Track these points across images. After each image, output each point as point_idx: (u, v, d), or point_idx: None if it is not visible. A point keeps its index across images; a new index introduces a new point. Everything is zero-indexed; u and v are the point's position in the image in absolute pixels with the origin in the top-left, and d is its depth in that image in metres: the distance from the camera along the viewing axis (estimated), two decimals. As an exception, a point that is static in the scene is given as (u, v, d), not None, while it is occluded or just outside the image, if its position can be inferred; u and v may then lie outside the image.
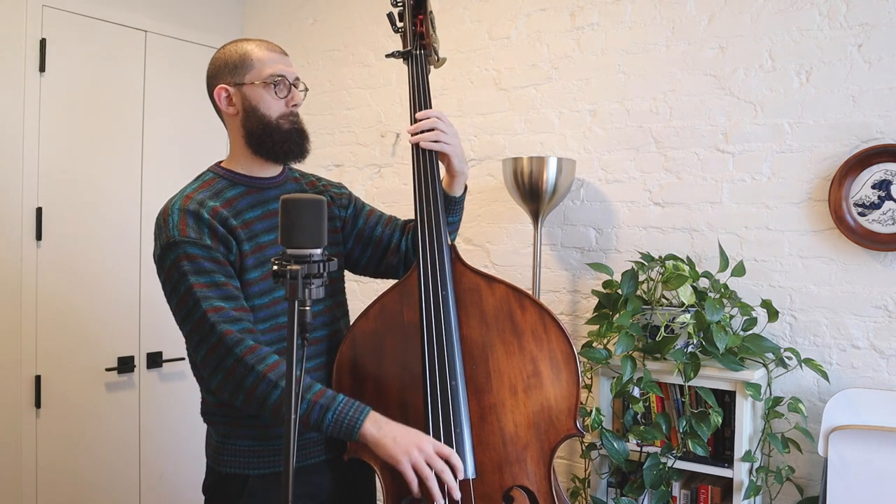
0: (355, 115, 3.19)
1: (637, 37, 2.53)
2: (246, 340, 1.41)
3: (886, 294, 2.16)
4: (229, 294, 1.45)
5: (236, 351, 1.40)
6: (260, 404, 1.41)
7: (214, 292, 1.43)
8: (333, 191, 1.75)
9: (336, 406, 1.40)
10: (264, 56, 1.54)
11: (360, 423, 1.39)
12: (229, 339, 1.40)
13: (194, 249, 1.44)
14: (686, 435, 2.13)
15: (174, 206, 1.48)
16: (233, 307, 1.44)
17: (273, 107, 1.54)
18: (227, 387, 1.42)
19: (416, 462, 1.38)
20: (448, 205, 1.70)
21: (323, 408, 1.39)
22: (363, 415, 1.40)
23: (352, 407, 1.40)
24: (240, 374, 1.40)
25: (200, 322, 1.42)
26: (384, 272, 1.79)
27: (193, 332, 1.44)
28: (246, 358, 1.40)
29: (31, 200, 2.63)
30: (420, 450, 1.39)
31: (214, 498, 1.59)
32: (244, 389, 1.41)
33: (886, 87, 2.15)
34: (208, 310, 1.41)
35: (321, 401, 1.40)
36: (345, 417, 1.39)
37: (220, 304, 1.42)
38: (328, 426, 1.39)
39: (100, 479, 2.81)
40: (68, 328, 2.73)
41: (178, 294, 1.45)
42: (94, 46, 2.80)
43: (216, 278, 1.44)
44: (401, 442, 1.39)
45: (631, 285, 2.25)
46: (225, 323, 1.41)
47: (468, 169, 1.73)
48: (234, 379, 1.41)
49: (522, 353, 1.50)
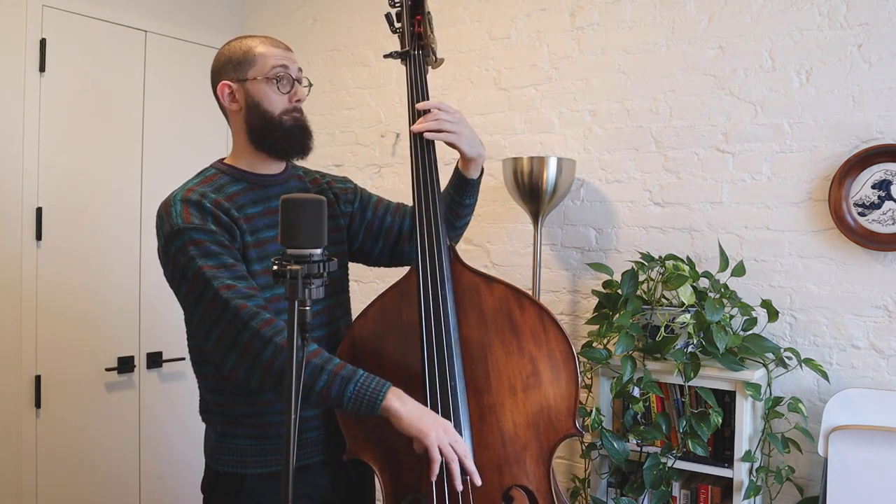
0: (355, 115, 3.19)
1: (637, 37, 2.53)
2: (262, 313, 1.39)
3: (886, 294, 2.16)
4: (239, 274, 1.43)
5: (252, 324, 1.37)
6: (277, 379, 1.38)
7: (224, 272, 1.41)
8: (338, 186, 1.74)
9: (357, 378, 1.38)
10: (268, 52, 1.53)
11: (382, 395, 1.37)
12: (244, 313, 1.37)
13: (200, 235, 1.43)
14: (686, 435, 2.13)
15: (176, 198, 1.48)
16: (244, 285, 1.42)
17: (276, 102, 1.53)
18: (242, 364, 1.39)
19: (441, 442, 1.37)
20: (465, 186, 1.70)
21: (344, 379, 1.37)
22: (385, 388, 1.38)
23: (373, 380, 1.39)
24: (256, 347, 1.37)
25: (213, 301, 1.39)
26: (398, 260, 1.78)
27: (206, 314, 1.40)
28: (263, 330, 1.37)
29: (31, 200, 2.63)
30: (445, 432, 1.39)
31: (212, 496, 1.59)
32: (261, 364, 1.37)
33: (886, 87, 2.15)
34: (220, 287, 1.39)
35: (342, 373, 1.37)
36: (367, 389, 1.37)
37: (232, 282, 1.40)
38: (349, 399, 1.37)
39: (100, 478, 2.81)
40: (68, 328, 2.73)
41: (187, 279, 1.42)
42: (94, 46, 2.81)
43: (224, 260, 1.42)
44: (427, 420, 1.38)
45: (631, 285, 2.25)
46: (238, 298, 1.38)
47: (485, 150, 1.69)
48: (251, 354, 1.37)
49: (521, 353, 1.50)
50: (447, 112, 1.60)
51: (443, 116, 1.59)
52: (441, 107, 1.61)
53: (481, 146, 1.67)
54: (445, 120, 1.59)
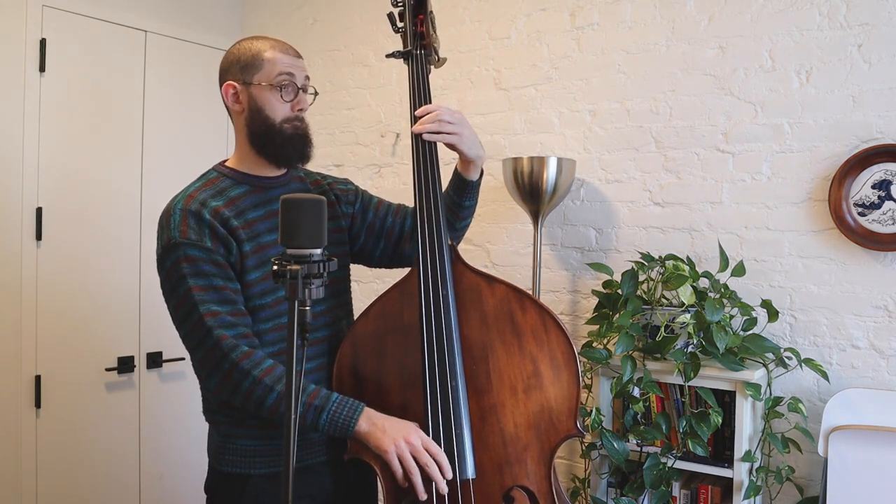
0: (355, 115, 3.19)
1: (637, 37, 2.53)
2: (240, 346, 1.43)
3: (886, 294, 2.16)
4: (227, 298, 1.46)
5: (232, 356, 1.42)
6: (257, 407, 1.44)
7: (212, 296, 1.44)
8: (339, 188, 1.75)
9: (330, 406, 1.42)
10: (276, 58, 1.54)
11: (354, 421, 1.41)
12: (224, 344, 1.42)
13: (194, 251, 1.44)
14: (686, 435, 2.13)
15: (176, 206, 1.49)
16: (229, 311, 1.45)
17: (278, 110, 1.54)
18: (224, 389, 1.45)
19: (401, 453, 1.40)
20: (465, 188, 1.70)
21: (318, 409, 1.41)
22: (357, 413, 1.42)
23: (345, 406, 1.42)
24: (236, 378, 1.42)
25: (197, 326, 1.43)
26: (399, 261, 1.79)
27: (190, 335, 1.46)
28: (241, 363, 1.42)
29: (31, 200, 2.63)
30: (407, 441, 1.41)
31: (216, 497, 1.60)
32: (241, 392, 1.43)
33: (886, 87, 2.15)
34: (205, 314, 1.42)
35: (315, 402, 1.42)
36: (339, 417, 1.41)
37: (217, 309, 1.43)
38: (324, 426, 1.42)
39: (100, 478, 2.81)
40: (68, 328, 2.73)
41: (176, 296, 1.46)
42: (94, 46, 2.80)
43: (214, 282, 1.45)
44: (389, 432, 1.41)
45: (631, 285, 2.25)
46: (220, 328, 1.42)
47: (484, 152, 1.70)
48: (231, 382, 1.43)
49: (523, 353, 1.50)
50: (448, 113, 1.60)
51: (444, 117, 1.59)
52: (442, 108, 1.61)
53: (481, 148, 1.67)
54: (446, 121, 1.59)
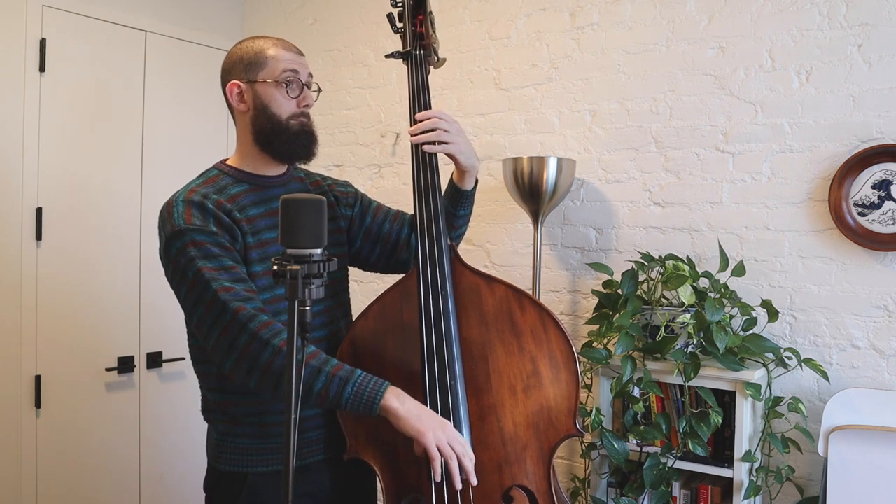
0: (355, 115, 3.19)
1: (637, 37, 2.53)
2: (259, 316, 1.39)
3: (886, 294, 2.16)
4: (238, 276, 1.44)
5: (250, 326, 1.38)
6: (276, 381, 1.39)
7: (223, 275, 1.42)
8: (339, 189, 1.75)
9: (355, 379, 1.38)
10: (279, 55, 1.54)
11: (380, 395, 1.38)
12: (242, 315, 1.38)
13: (201, 236, 1.43)
14: (686, 435, 2.13)
15: (178, 199, 1.49)
16: (243, 287, 1.43)
17: (284, 106, 1.54)
18: (241, 366, 1.40)
19: (440, 441, 1.38)
20: (459, 198, 1.71)
21: (342, 380, 1.37)
22: (383, 387, 1.39)
23: (371, 380, 1.39)
24: (254, 350, 1.38)
25: (212, 303, 1.40)
26: (394, 268, 1.79)
27: (206, 315, 1.41)
28: (260, 333, 1.38)
29: (31, 200, 2.63)
30: (443, 430, 1.39)
31: (214, 495, 1.59)
32: (259, 366, 1.38)
33: (886, 87, 2.15)
34: (219, 289, 1.40)
35: (340, 373, 1.38)
36: (365, 390, 1.38)
37: (230, 285, 1.41)
38: (347, 399, 1.37)
39: (100, 478, 2.81)
40: (68, 328, 2.73)
41: (186, 280, 1.43)
42: (94, 46, 2.80)
43: (224, 262, 1.43)
44: (425, 420, 1.38)
45: (631, 285, 2.25)
46: (237, 301, 1.39)
47: (479, 163, 1.71)
48: (249, 356, 1.38)
49: (522, 353, 1.50)
50: (445, 121, 1.61)
51: (441, 126, 1.60)
52: (440, 115, 1.61)
53: (476, 157, 1.69)
54: (443, 130, 1.60)
